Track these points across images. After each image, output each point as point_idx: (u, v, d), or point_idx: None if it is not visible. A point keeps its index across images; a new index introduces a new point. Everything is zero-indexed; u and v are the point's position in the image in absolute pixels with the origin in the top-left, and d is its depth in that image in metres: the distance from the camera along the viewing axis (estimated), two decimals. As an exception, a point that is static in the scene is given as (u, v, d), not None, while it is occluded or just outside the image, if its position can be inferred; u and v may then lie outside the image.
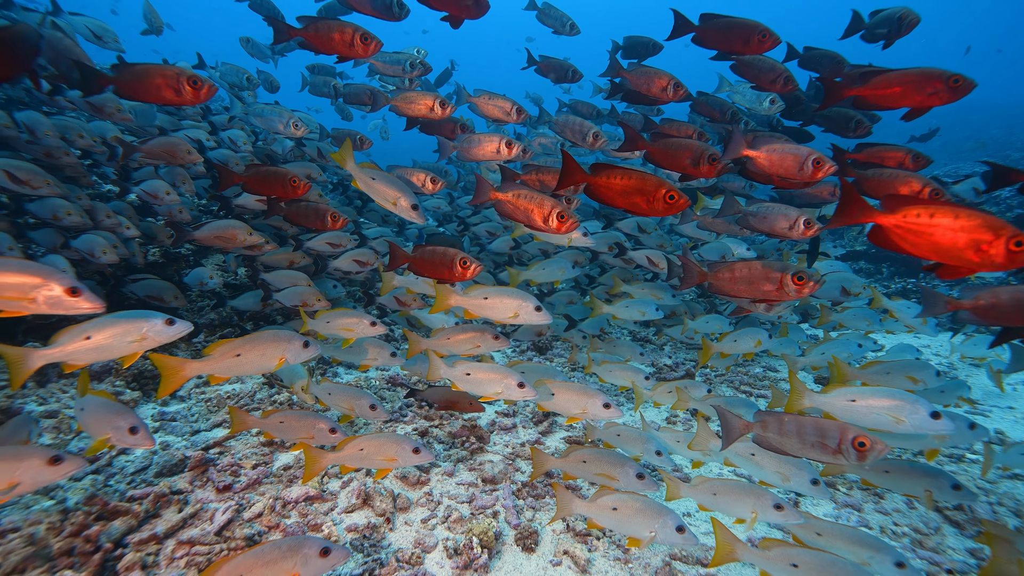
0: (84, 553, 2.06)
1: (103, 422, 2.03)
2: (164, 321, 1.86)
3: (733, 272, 2.42)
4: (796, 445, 1.93)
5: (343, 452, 2.20)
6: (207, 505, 2.48)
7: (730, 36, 3.08)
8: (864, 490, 3.02)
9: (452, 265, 2.56)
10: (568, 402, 2.54)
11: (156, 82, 2.66)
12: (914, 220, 1.71)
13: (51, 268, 1.69)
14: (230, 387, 3.81)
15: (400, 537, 2.43)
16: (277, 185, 3.12)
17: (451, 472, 2.93)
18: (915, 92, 2.54)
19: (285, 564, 1.59)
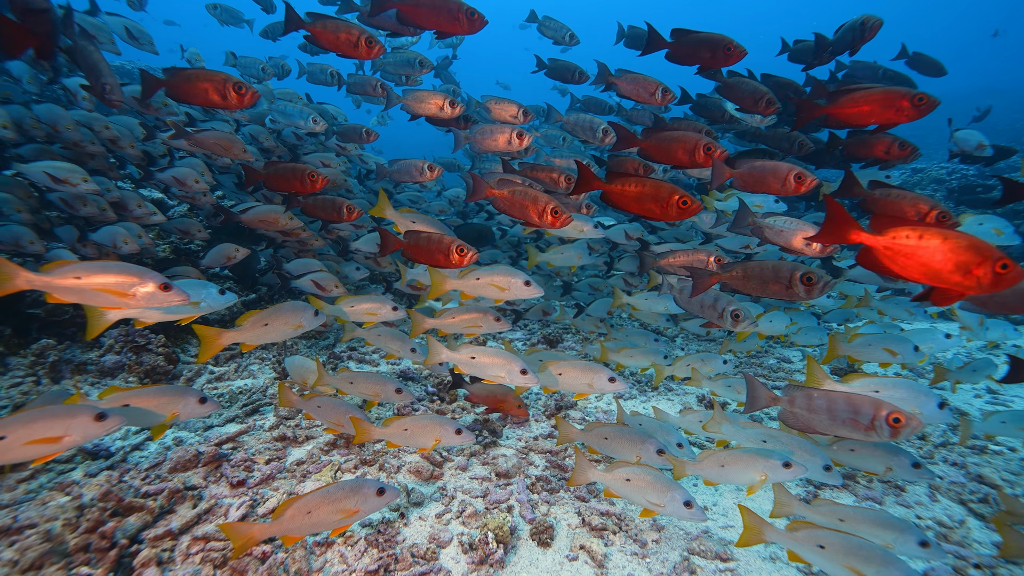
0: (100, 549, 2.06)
1: None
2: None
3: (745, 271, 2.43)
4: (825, 422, 1.92)
5: (389, 429, 2.40)
6: (221, 500, 2.48)
7: (699, 51, 3.17)
8: (885, 483, 2.96)
9: (448, 252, 2.61)
10: (574, 379, 2.60)
11: (204, 86, 2.87)
12: (903, 242, 1.68)
13: (145, 268, 1.90)
14: (242, 383, 3.82)
15: (415, 532, 2.41)
16: (296, 180, 3.22)
17: (464, 466, 2.90)
18: (882, 111, 2.60)
19: (347, 502, 1.83)
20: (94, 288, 1.82)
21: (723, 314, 2.66)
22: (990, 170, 9.76)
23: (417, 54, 4.22)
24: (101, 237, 3.63)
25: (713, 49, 3.10)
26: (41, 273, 1.80)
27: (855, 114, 2.66)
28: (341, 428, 2.63)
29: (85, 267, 1.82)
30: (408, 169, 3.81)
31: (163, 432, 2.26)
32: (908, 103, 2.52)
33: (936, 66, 5.21)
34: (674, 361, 3.34)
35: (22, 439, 1.69)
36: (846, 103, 2.66)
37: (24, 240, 3.40)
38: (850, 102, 2.65)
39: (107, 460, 2.80)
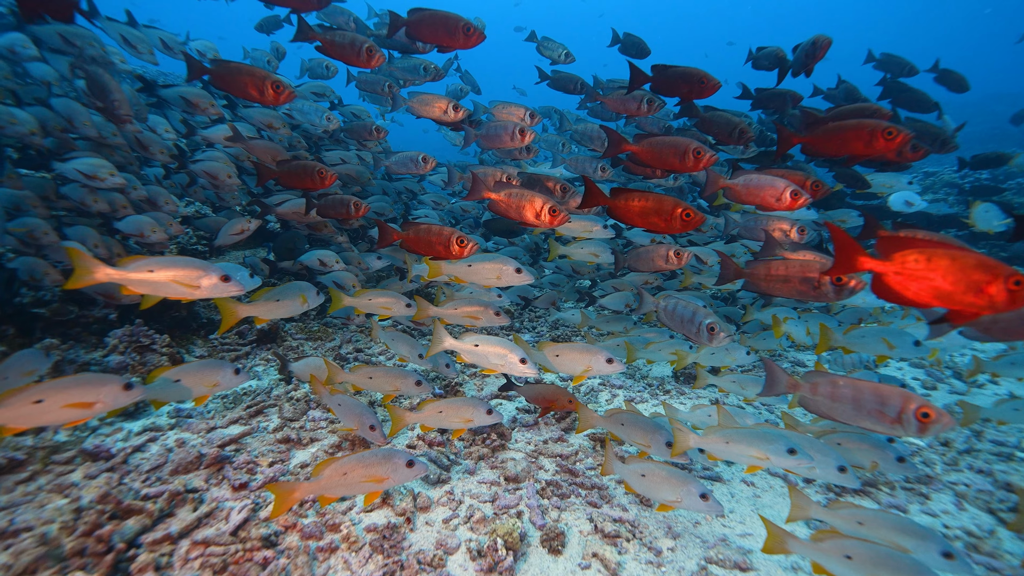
0: (96, 553, 1.99)
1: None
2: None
3: (769, 269, 2.37)
4: (849, 412, 1.85)
5: (423, 413, 2.48)
6: (222, 504, 2.40)
7: (677, 84, 3.30)
8: (908, 490, 2.85)
9: (448, 243, 2.70)
10: (572, 361, 2.60)
11: (244, 80, 3.07)
12: (912, 266, 1.62)
13: (208, 263, 2.12)
14: (246, 384, 3.75)
15: (421, 538, 2.33)
16: (307, 178, 3.33)
17: (472, 470, 2.82)
18: (852, 142, 2.64)
19: (379, 469, 1.94)
20: (164, 280, 2.03)
21: (699, 328, 2.60)
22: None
23: (423, 61, 4.38)
24: (128, 226, 3.70)
25: (689, 82, 3.22)
26: (118, 267, 2.00)
27: (827, 144, 2.69)
28: (356, 430, 2.62)
29: (156, 261, 2.03)
30: (405, 161, 3.95)
31: (204, 400, 2.47)
32: (880, 136, 2.55)
33: (961, 82, 5.30)
34: (698, 349, 3.33)
35: (59, 403, 1.84)
36: (819, 133, 2.71)
37: (89, 241, 3.50)
38: (823, 133, 2.70)
39: (108, 461, 2.73)
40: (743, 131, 3.57)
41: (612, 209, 2.63)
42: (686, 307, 2.65)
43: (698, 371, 3.31)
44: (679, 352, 3.35)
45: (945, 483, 2.91)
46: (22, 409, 1.80)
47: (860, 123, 2.59)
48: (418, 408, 2.49)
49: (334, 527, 2.29)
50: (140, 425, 3.10)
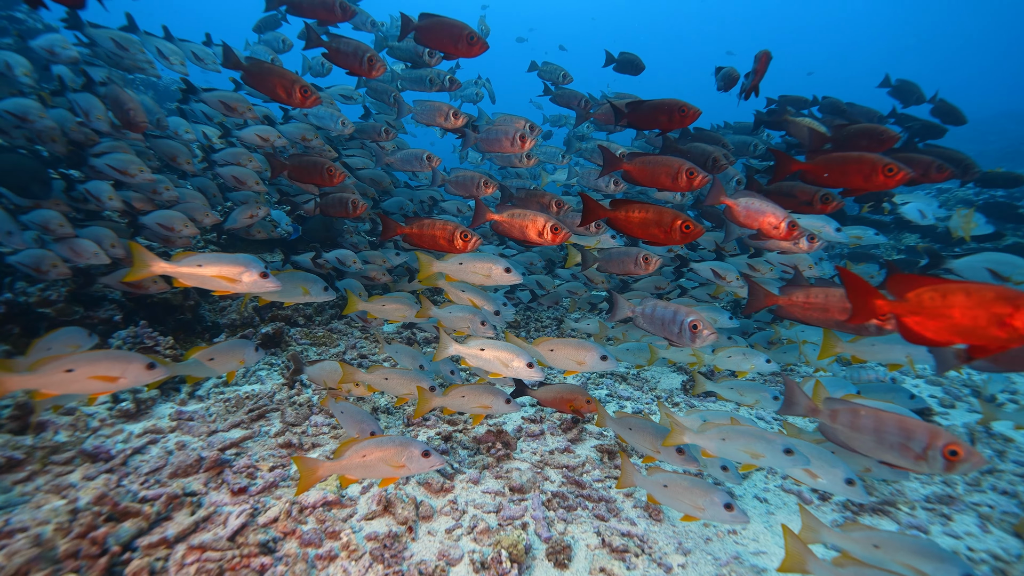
0: (90, 556, 1.94)
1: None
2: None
3: (808, 297, 2.22)
4: (870, 443, 1.75)
5: (447, 398, 2.55)
6: (221, 508, 2.35)
7: (656, 116, 3.28)
8: (929, 510, 2.75)
9: (452, 238, 2.73)
10: (567, 357, 2.59)
11: (274, 81, 3.20)
12: (928, 304, 1.56)
13: (249, 259, 2.28)
14: (249, 387, 3.71)
15: (423, 548, 2.25)
16: (317, 174, 3.47)
17: (476, 480, 2.75)
18: (852, 175, 2.55)
19: (397, 456, 1.98)
20: (211, 275, 2.20)
21: (682, 328, 2.46)
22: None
23: (431, 73, 4.53)
24: (160, 219, 3.76)
25: (668, 113, 3.21)
26: (172, 261, 2.20)
27: (826, 175, 2.61)
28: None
29: (205, 258, 2.22)
30: (409, 159, 4.03)
31: (233, 376, 2.71)
32: (880, 171, 2.47)
33: (956, 115, 5.26)
34: (716, 351, 3.27)
35: (87, 374, 1.93)
36: (819, 163, 2.61)
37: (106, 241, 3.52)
38: (823, 163, 2.61)
39: (107, 463, 2.69)
40: (716, 160, 3.61)
41: (612, 221, 2.62)
42: (666, 308, 2.52)
43: (696, 377, 3.25)
44: (696, 353, 3.27)
45: (968, 504, 2.80)
46: (54, 376, 1.91)
47: (861, 156, 2.49)
48: (444, 393, 2.57)
49: (334, 534, 2.22)
50: (141, 427, 3.06)
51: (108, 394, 2.14)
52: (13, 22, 7.09)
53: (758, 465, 2.11)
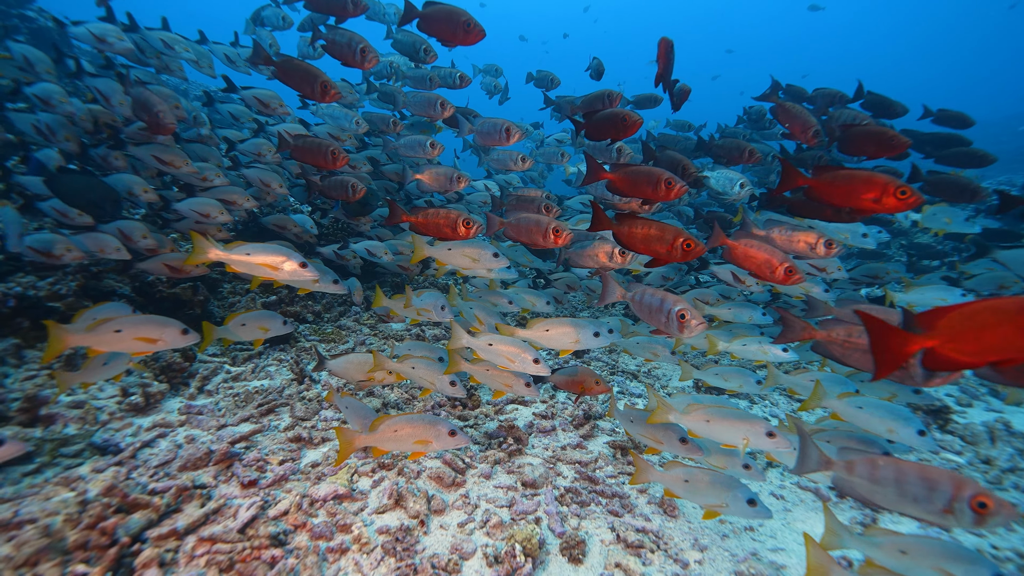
0: (99, 547, 1.92)
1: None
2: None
3: (851, 336, 2.04)
4: (892, 497, 1.62)
5: (476, 366, 2.60)
6: (231, 501, 2.32)
7: (604, 127, 3.32)
8: (951, 507, 2.68)
9: (455, 225, 2.82)
10: (562, 335, 2.59)
11: (301, 75, 3.39)
12: (959, 328, 1.48)
13: (290, 250, 2.51)
14: (258, 383, 3.70)
15: (435, 541, 2.22)
16: (320, 156, 3.52)
17: (488, 474, 2.71)
18: (862, 195, 2.38)
19: (426, 432, 2.09)
20: (257, 263, 2.43)
21: (669, 317, 2.36)
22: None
23: (431, 72, 4.65)
24: (195, 205, 3.88)
25: (614, 123, 3.26)
26: (226, 249, 2.44)
27: (833, 192, 2.45)
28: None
29: (254, 247, 2.46)
30: (413, 145, 4.14)
31: (260, 343, 2.92)
32: (892, 193, 2.31)
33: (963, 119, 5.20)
34: (732, 339, 3.25)
35: (132, 335, 2.18)
36: (828, 179, 2.45)
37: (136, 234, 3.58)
38: (829, 180, 2.44)
39: (116, 456, 2.67)
40: (685, 167, 3.65)
41: (616, 234, 2.62)
42: (653, 295, 2.46)
43: (682, 365, 3.23)
44: (710, 337, 3.22)
45: (990, 501, 2.74)
46: (105, 336, 2.16)
47: (872, 176, 2.33)
48: (471, 362, 2.62)
49: (345, 527, 2.19)
50: (150, 421, 3.04)
51: (147, 354, 2.40)
52: (25, 20, 7.13)
53: (741, 446, 2.14)
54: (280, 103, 4.34)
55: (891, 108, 4.81)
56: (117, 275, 4.05)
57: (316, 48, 5.12)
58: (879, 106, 4.87)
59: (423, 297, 3.14)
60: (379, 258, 4.37)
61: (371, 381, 2.78)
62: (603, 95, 4.01)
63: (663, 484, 2.22)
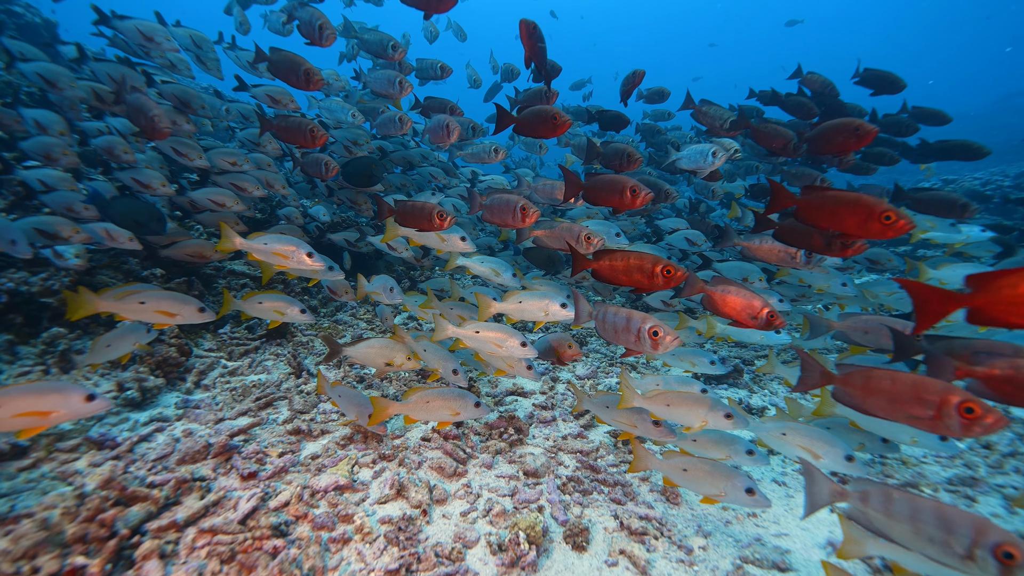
0: (98, 539, 1.89)
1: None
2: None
3: (870, 381, 1.83)
4: (907, 534, 1.51)
5: (463, 331, 2.67)
6: (231, 493, 2.30)
7: (535, 123, 3.30)
8: (953, 492, 2.69)
9: (431, 217, 3.05)
10: (534, 308, 2.70)
11: (287, 66, 3.55)
12: (1008, 289, 1.52)
13: (300, 240, 2.70)
14: (255, 377, 3.66)
15: (438, 530, 2.20)
16: (300, 135, 3.64)
17: (490, 464, 2.70)
18: (847, 218, 2.27)
19: (454, 404, 2.34)
20: (272, 252, 2.68)
21: (640, 335, 2.26)
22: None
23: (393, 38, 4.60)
24: (211, 194, 4.06)
25: (543, 120, 3.26)
26: (247, 239, 2.70)
27: (819, 214, 2.34)
28: (356, 419, 2.61)
29: (272, 237, 2.70)
30: (386, 123, 4.30)
31: (276, 324, 3.00)
32: (877, 218, 2.18)
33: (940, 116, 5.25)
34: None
35: (153, 308, 2.40)
36: (814, 200, 2.35)
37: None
38: (816, 200, 2.35)
39: (113, 450, 2.64)
40: (630, 155, 3.71)
41: (597, 271, 2.54)
42: (617, 314, 2.35)
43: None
44: (710, 321, 3.23)
45: (992, 486, 2.75)
46: (131, 305, 2.38)
47: (859, 199, 2.22)
48: (460, 325, 2.71)
49: (347, 518, 2.17)
50: (147, 415, 3.01)
51: (167, 326, 2.55)
52: (12, 16, 7.03)
53: (701, 429, 2.23)
54: (291, 99, 4.39)
55: (893, 83, 4.83)
56: (111, 270, 4.02)
57: (286, 26, 5.17)
58: (878, 81, 4.89)
59: (373, 282, 3.38)
60: (398, 253, 4.45)
61: (391, 367, 2.79)
62: (540, 92, 4.06)
63: (661, 472, 2.24)
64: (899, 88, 4.99)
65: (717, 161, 3.69)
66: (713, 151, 3.70)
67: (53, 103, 4.21)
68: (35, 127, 3.82)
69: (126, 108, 3.62)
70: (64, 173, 3.83)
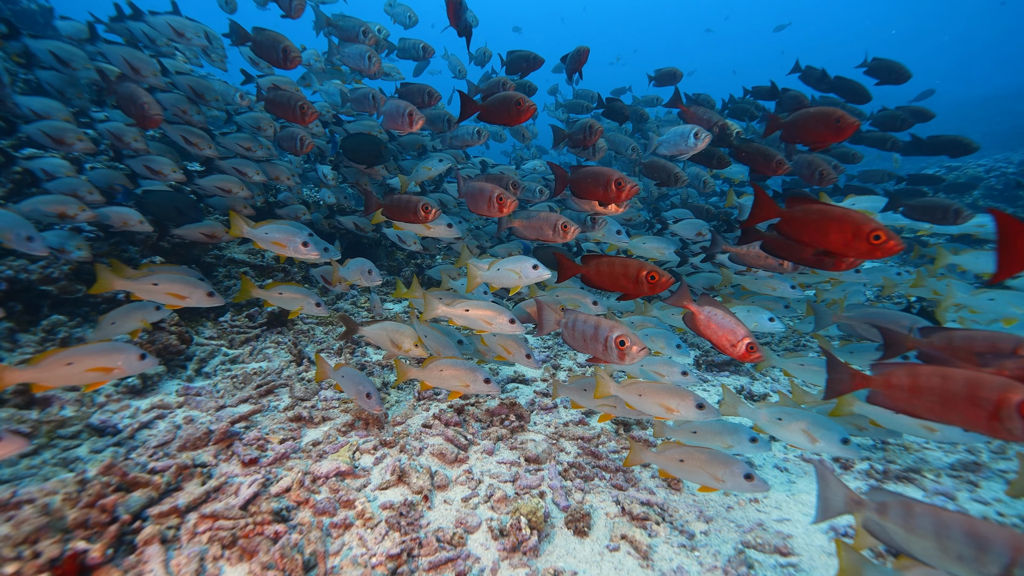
0: (99, 524, 1.89)
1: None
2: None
3: (917, 379, 1.62)
4: (932, 551, 1.35)
5: (452, 309, 2.73)
6: (232, 479, 2.30)
7: (499, 111, 3.30)
8: (955, 477, 2.68)
9: (417, 211, 3.13)
10: (508, 274, 2.79)
11: (268, 44, 3.64)
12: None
13: (297, 231, 2.85)
14: (256, 365, 3.66)
15: (440, 516, 2.20)
16: (289, 110, 3.67)
17: (491, 450, 2.69)
18: (832, 235, 2.08)
19: (466, 377, 2.47)
20: (271, 241, 2.84)
21: (607, 345, 2.18)
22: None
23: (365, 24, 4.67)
24: (218, 181, 4.18)
25: (507, 106, 3.24)
26: (252, 228, 2.86)
27: (804, 231, 2.16)
28: (356, 399, 2.65)
29: (271, 227, 2.86)
30: (360, 99, 4.22)
31: (297, 314, 3.08)
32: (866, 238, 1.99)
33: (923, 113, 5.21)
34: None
35: (164, 290, 2.53)
36: (799, 215, 2.16)
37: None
38: (802, 215, 2.15)
39: (114, 437, 2.64)
40: (591, 127, 3.82)
41: (585, 277, 2.55)
42: (586, 322, 2.28)
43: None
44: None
45: (994, 471, 2.74)
46: (144, 286, 2.50)
47: (846, 215, 2.03)
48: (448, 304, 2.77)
49: (348, 503, 2.17)
50: (148, 403, 3.01)
51: (179, 308, 2.57)
52: (8, 3, 6.95)
53: (671, 418, 2.25)
54: (296, 88, 4.45)
55: (899, 74, 4.78)
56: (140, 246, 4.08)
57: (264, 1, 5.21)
58: (885, 71, 4.84)
59: (348, 265, 3.44)
60: (408, 246, 4.56)
61: (399, 351, 2.84)
62: (499, 82, 4.08)
63: (657, 465, 2.23)
64: (904, 79, 4.94)
65: (700, 143, 3.50)
66: (695, 132, 3.50)
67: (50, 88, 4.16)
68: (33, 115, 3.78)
69: (117, 98, 3.60)
70: (64, 161, 3.81)
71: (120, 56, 3.76)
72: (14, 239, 2.76)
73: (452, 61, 6.88)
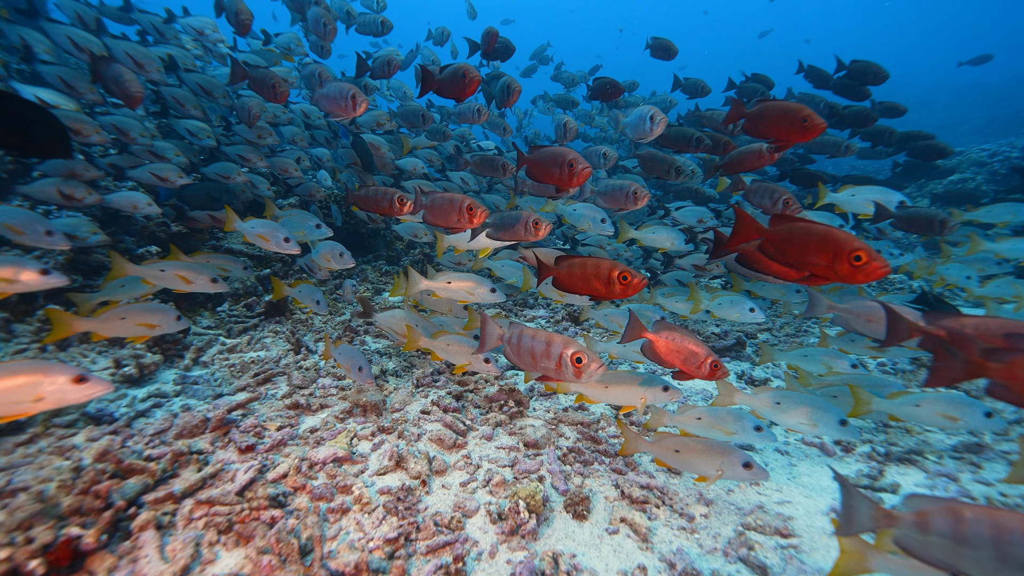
0: (94, 510, 1.87)
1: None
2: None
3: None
4: (988, 564, 1.17)
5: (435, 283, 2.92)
6: (228, 465, 2.28)
7: (450, 86, 3.36)
8: (958, 459, 2.66)
9: (391, 203, 3.13)
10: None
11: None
12: None
13: (280, 227, 3.00)
14: (254, 354, 3.64)
15: (438, 500, 2.19)
16: (266, 89, 3.76)
17: (490, 436, 2.68)
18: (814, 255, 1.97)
19: (470, 354, 2.57)
20: (257, 235, 2.98)
21: (562, 362, 1.99)
22: None
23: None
24: (217, 169, 4.33)
25: (456, 79, 3.29)
26: (240, 222, 3.02)
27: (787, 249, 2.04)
28: (349, 372, 2.67)
29: (255, 223, 3.01)
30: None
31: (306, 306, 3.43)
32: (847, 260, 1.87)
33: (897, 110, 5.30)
34: (714, 297, 3.29)
35: (173, 274, 2.68)
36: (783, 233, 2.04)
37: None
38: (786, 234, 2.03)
39: (111, 425, 2.63)
40: (509, 86, 3.78)
41: (557, 279, 2.39)
42: (535, 338, 2.05)
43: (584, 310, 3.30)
44: (694, 290, 3.24)
45: (997, 452, 2.71)
46: (153, 272, 2.67)
47: (828, 233, 1.94)
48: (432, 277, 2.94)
49: (345, 489, 2.16)
50: (145, 391, 2.99)
51: (183, 292, 2.74)
52: None
53: (639, 407, 2.27)
54: (293, 82, 4.64)
55: (876, 75, 4.76)
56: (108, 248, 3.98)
57: None
58: (861, 74, 4.83)
59: (318, 248, 3.37)
60: (420, 238, 4.62)
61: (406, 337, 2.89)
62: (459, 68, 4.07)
63: (652, 454, 2.19)
64: (882, 79, 4.86)
65: (657, 128, 3.37)
66: (651, 115, 3.35)
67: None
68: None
69: (103, 81, 3.54)
70: None
71: (123, 51, 3.75)
72: (31, 236, 2.69)
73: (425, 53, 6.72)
